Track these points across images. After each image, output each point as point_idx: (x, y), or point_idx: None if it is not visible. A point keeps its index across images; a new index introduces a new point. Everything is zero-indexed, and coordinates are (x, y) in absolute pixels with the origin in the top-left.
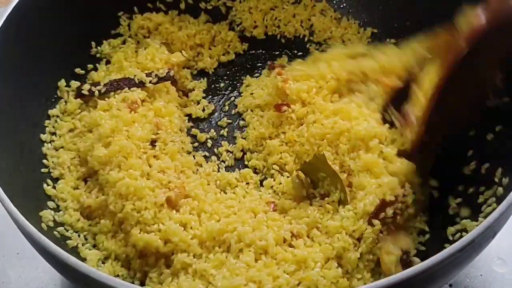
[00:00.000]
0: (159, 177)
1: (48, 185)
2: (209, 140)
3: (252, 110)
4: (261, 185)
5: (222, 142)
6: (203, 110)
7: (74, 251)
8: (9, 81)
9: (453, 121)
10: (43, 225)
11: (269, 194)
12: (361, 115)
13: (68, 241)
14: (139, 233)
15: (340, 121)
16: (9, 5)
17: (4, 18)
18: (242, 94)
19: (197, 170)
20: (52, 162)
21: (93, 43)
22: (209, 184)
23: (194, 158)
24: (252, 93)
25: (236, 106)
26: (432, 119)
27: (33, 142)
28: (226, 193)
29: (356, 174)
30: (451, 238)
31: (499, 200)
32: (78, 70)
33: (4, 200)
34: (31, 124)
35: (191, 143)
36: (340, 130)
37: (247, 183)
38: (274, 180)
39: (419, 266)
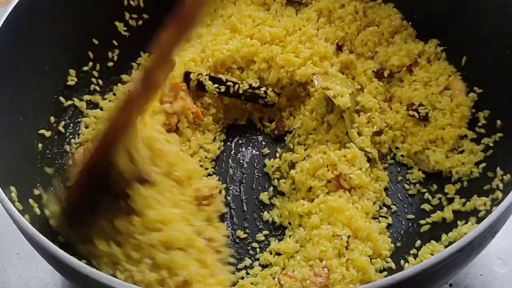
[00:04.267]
0: None
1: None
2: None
3: None
4: None
5: None
6: None
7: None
8: (9, 81)
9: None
10: None
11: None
12: None
13: None
14: None
15: None
16: (9, 5)
17: (4, 18)
18: None
19: None
20: None
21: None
22: None
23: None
24: None
25: None
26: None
27: (34, 142)
28: None
29: None
30: (450, 239)
31: (498, 201)
32: (77, 71)
33: (4, 201)
34: (32, 125)
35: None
36: None
37: None
38: None
39: (419, 266)
